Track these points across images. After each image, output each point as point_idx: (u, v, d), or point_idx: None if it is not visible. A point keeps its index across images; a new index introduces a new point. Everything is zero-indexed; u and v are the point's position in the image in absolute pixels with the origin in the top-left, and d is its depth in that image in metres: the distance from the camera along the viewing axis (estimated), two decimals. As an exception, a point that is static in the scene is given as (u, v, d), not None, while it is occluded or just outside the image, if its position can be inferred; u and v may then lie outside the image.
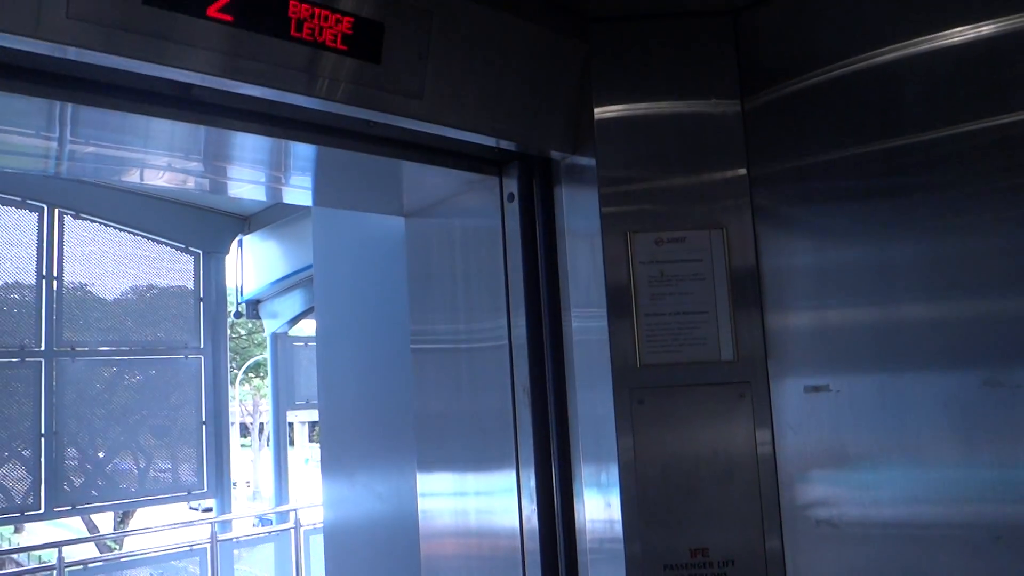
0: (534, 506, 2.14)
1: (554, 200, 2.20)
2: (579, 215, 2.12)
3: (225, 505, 8.44)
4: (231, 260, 8.78)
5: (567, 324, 2.16)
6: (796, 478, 1.93)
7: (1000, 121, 1.66)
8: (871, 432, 1.81)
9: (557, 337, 2.17)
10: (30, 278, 7.27)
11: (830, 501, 1.88)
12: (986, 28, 1.68)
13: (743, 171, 2.03)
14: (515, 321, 2.24)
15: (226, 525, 8.40)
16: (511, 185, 2.24)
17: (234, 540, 8.03)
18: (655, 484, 1.94)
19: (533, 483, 2.15)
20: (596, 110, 2.06)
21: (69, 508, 7.55)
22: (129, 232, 7.90)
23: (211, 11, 1.45)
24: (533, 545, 2.15)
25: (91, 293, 7.72)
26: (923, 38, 1.76)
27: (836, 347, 1.89)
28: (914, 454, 1.75)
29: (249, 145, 1.89)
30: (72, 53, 1.38)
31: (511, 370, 2.25)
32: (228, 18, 1.47)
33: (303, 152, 1.97)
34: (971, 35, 1.70)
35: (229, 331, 9.32)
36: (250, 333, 24.98)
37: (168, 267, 8.18)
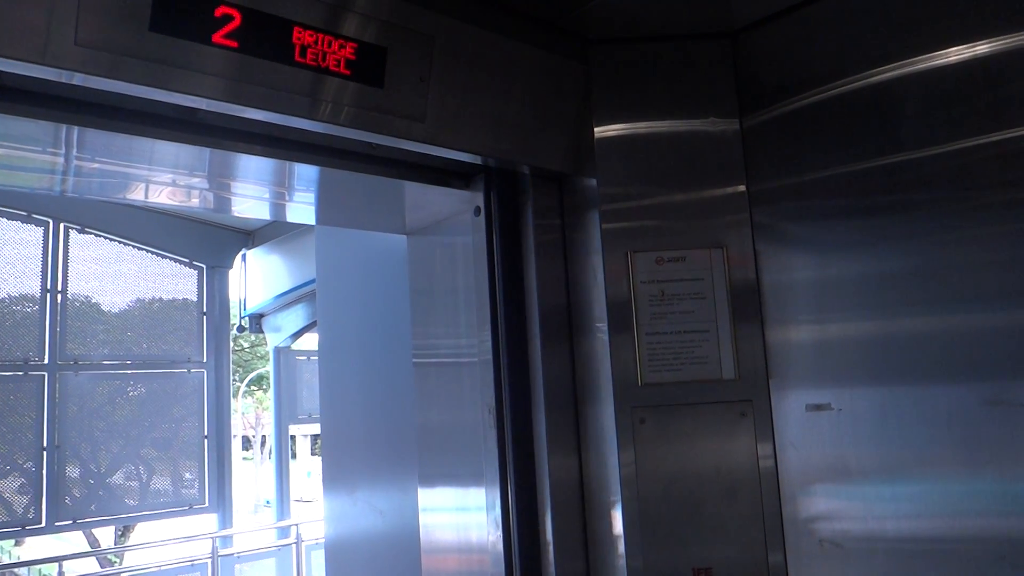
0: (499, 532, 2.11)
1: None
2: (579, 232, 2.14)
3: (227, 520, 8.41)
4: (235, 274, 8.78)
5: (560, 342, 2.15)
6: (799, 495, 1.93)
7: (996, 138, 1.67)
8: (873, 448, 1.82)
9: (520, 355, 2.13)
10: (35, 291, 7.28)
11: (833, 518, 1.88)
12: (981, 47, 1.70)
13: (742, 188, 2.05)
14: (482, 338, 2.20)
15: (227, 540, 8.37)
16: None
17: (235, 555, 7.99)
18: (657, 502, 1.95)
19: (498, 507, 2.11)
20: (596, 130, 2.07)
21: (70, 522, 7.51)
22: (133, 246, 7.90)
23: (217, 37, 1.47)
24: (498, 571, 2.12)
25: (95, 307, 7.72)
26: (920, 57, 1.78)
27: (837, 363, 1.89)
28: (917, 470, 1.75)
29: (253, 166, 1.91)
30: (79, 79, 1.40)
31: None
32: (234, 44, 1.49)
33: (306, 173, 1.99)
34: (967, 54, 1.71)
35: (232, 344, 9.31)
36: (253, 346, 24.97)
37: (172, 281, 8.18)
